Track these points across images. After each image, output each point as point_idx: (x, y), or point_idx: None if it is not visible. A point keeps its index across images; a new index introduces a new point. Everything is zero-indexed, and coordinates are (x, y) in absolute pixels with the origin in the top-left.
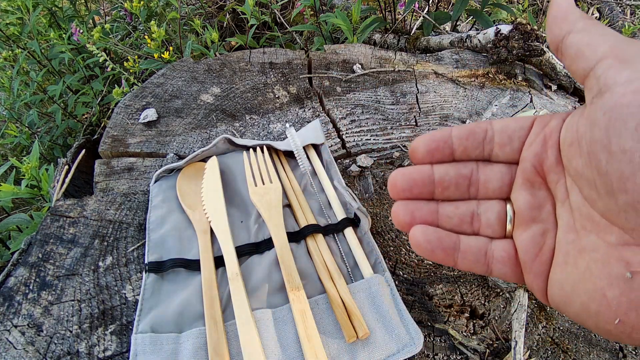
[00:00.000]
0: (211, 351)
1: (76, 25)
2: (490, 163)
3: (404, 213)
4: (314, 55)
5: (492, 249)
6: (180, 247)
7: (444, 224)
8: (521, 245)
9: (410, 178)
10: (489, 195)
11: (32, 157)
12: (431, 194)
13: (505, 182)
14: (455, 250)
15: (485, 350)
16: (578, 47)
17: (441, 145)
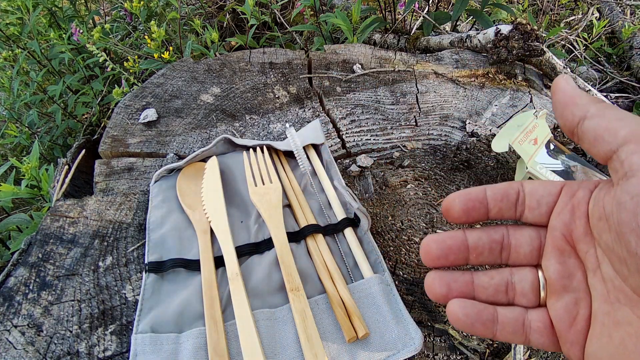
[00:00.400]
0: (211, 351)
1: (76, 25)
2: (520, 227)
3: (439, 285)
4: (314, 55)
5: (528, 320)
6: (180, 247)
7: (480, 295)
8: (555, 315)
9: (445, 245)
10: (520, 260)
11: (32, 157)
12: (465, 259)
13: (535, 247)
14: (493, 323)
15: (485, 350)
16: (596, 132)
17: (477, 205)
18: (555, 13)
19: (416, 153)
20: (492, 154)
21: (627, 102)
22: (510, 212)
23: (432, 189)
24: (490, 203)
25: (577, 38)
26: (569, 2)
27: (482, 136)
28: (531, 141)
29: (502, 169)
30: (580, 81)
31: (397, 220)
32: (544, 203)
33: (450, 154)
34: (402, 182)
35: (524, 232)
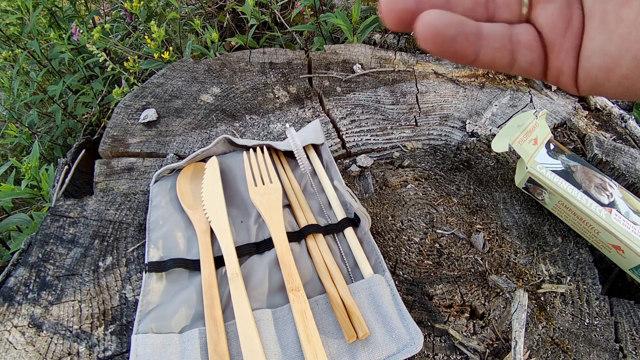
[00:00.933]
0: (211, 351)
1: (76, 25)
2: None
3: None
4: (314, 55)
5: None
6: (180, 247)
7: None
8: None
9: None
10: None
11: (32, 157)
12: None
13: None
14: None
15: (485, 350)
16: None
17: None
18: None
19: (416, 153)
20: (492, 154)
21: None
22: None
23: (432, 189)
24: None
25: None
26: None
27: (482, 136)
28: (531, 141)
29: (502, 169)
30: None
31: (397, 220)
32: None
33: (450, 154)
34: (402, 182)
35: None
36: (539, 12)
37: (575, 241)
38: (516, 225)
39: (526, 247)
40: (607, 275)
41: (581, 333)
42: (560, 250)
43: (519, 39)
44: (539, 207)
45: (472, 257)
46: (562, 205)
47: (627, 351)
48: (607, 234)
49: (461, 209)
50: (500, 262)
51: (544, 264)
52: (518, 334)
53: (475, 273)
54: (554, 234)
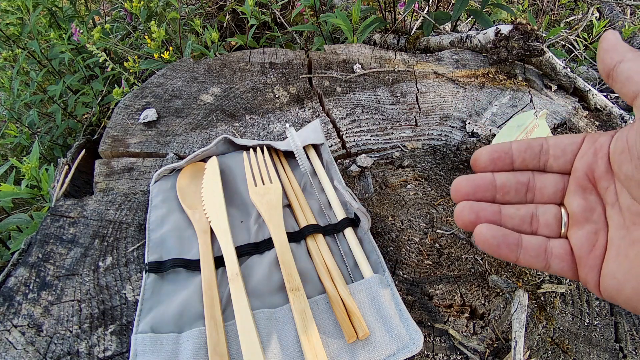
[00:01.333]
0: (211, 351)
1: (76, 25)
2: (545, 173)
3: (469, 212)
4: (314, 55)
5: (550, 247)
6: (180, 247)
7: (506, 224)
8: (576, 243)
9: (474, 183)
10: (544, 200)
11: (32, 157)
12: (493, 198)
13: (559, 189)
14: (518, 246)
15: (485, 350)
16: (628, 74)
17: (502, 155)
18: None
19: (416, 153)
20: None
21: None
22: (534, 161)
23: (432, 189)
24: (514, 154)
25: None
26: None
27: (482, 136)
28: None
29: None
30: (580, 81)
31: (397, 220)
32: (568, 151)
33: (450, 154)
34: (402, 182)
35: (548, 176)
36: (572, 233)
37: None
38: None
39: None
40: None
41: (581, 333)
42: None
43: (552, 252)
44: None
45: (472, 257)
46: None
47: (627, 351)
48: None
49: None
50: (500, 262)
51: None
52: (518, 334)
53: (475, 273)
54: None
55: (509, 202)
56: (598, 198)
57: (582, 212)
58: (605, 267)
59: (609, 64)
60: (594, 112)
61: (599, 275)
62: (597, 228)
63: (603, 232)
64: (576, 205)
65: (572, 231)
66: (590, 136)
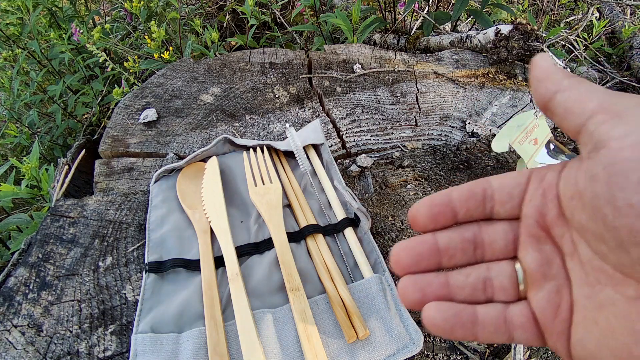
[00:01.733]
0: (211, 351)
1: (76, 25)
2: (492, 222)
3: (413, 290)
4: (314, 55)
5: (510, 315)
6: (180, 247)
7: (457, 296)
8: (538, 307)
9: (415, 252)
10: (496, 256)
11: (32, 157)
12: (438, 264)
13: (509, 240)
14: (474, 324)
15: (485, 350)
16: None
17: (443, 209)
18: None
19: (416, 153)
20: (492, 154)
21: None
22: (479, 210)
23: (432, 189)
24: (456, 205)
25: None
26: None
27: (482, 136)
28: (531, 141)
29: (502, 169)
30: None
31: (397, 220)
32: (514, 194)
33: (450, 154)
34: (402, 182)
35: (496, 227)
36: (532, 296)
37: None
38: None
39: None
40: None
41: None
42: None
43: (513, 321)
44: None
45: None
46: None
47: None
48: None
49: None
50: None
51: None
52: None
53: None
54: None
55: (456, 265)
56: (554, 247)
57: (538, 267)
58: (574, 335)
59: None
60: None
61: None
62: (558, 285)
63: (566, 289)
64: (531, 260)
65: (532, 293)
66: (537, 173)
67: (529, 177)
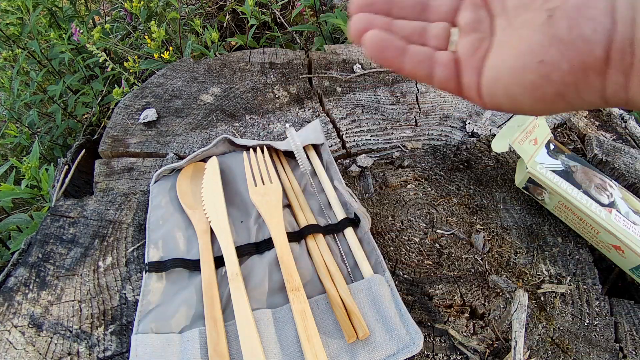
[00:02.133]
0: (211, 351)
1: (76, 25)
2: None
3: (360, 22)
4: (314, 55)
5: (436, 56)
6: (180, 247)
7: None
8: (461, 49)
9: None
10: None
11: (32, 157)
12: (387, 12)
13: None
14: (404, 52)
15: (485, 350)
16: None
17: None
18: None
19: (416, 153)
20: (492, 154)
21: None
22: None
23: (432, 189)
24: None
25: None
26: None
27: (482, 136)
28: (531, 141)
29: (502, 169)
30: None
31: (397, 220)
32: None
33: (450, 154)
34: (402, 182)
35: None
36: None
37: (575, 241)
38: (516, 225)
39: (526, 247)
40: (607, 275)
41: (581, 333)
42: (560, 250)
43: (437, 59)
44: (539, 207)
45: (472, 257)
46: (562, 206)
47: (627, 351)
48: (607, 234)
49: (461, 209)
50: (500, 262)
51: (544, 264)
52: (518, 334)
53: (475, 273)
54: (554, 234)
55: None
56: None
57: (469, 23)
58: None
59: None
60: (594, 112)
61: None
62: (482, 36)
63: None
64: (465, 18)
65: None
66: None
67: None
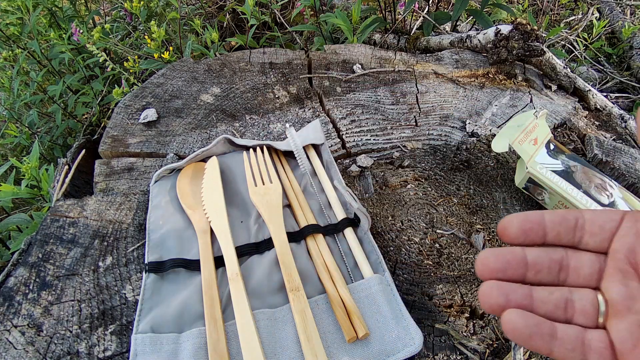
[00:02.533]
0: (211, 351)
1: (76, 25)
2: (580, 251)
3: (497, 294)
4: (314, 55)
5: (588, 339)
6: (180, 247)
7: (538, 310)
8: (618, 335)
9: (504, 259)
10: (579, 282)
11: (32, 157)
12: (523, 276)
13: (595, 270)
14: (552, 337)
15: (485, 350)
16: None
17: (535, 226)
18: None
19: (416, 153)
20: (492, 154)
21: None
22: (569, 236)
23: (432, 189)
24: (547, 226)
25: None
26: (569, 2)
27: (482, 136)
28: (531, 141)
29: (502, 169)
30: (580, 81)
31: (397, 220)
32: (606, 229)
33: (450, 154)
34: (402, 182)
35: (584, 255)
36: (612, 325)
37: None
38: None
39: None
40: None
41: None
42: None
43: (590, 345)
44: (539, 207)
45: (472, 257)
46: (562, 206)
47: None
48: None
49: (461, 209)
50: None
51: None
52: None
53: (475, 273)
54: None
55: (540, 281)
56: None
57: (623, 300)
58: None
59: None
60: (594, 112)
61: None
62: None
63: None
64: (616, 292)
65: (612, 322)
66: (631, 215)
67: (622, 216)
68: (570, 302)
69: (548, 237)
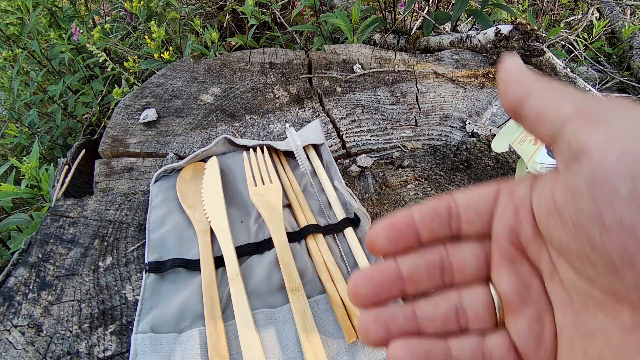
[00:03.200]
0: (211, 351)
1: (76, 25)
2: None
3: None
4: (314, 55)
5: (488, 349)
6: (180, 247)
7: (427, 329)
8: (518, 337)
9: (375, 282)
10: (467, 280)
11: (32, 157)
12: (402, 293)
13: (481, 261)
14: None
15: None
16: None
17: (404, 231)
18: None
19: (416, 153)
20: (492, 154)
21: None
22: (444, 229)
23: (432, 189)
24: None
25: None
26: (569, 2)
27: (482, 136)
28: (531, 141)
29: (502, 169)
30: (580, 81)
31: None
32: (483, 212)
33: (450, 154)
34: (402, 182)
35: (465, 248)
36: (510, 324)
37: None
38: None
39: None
40: None
41: None
42: None
43: (492, 355)
44: None
45: None
46: None
47: None
48: None
49: None
50: None
51: None
52: None
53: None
54: None
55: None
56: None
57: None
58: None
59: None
60: None
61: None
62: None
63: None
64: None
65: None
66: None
67: (497, 191)
68: (461, 309)
69: (422, 238)
